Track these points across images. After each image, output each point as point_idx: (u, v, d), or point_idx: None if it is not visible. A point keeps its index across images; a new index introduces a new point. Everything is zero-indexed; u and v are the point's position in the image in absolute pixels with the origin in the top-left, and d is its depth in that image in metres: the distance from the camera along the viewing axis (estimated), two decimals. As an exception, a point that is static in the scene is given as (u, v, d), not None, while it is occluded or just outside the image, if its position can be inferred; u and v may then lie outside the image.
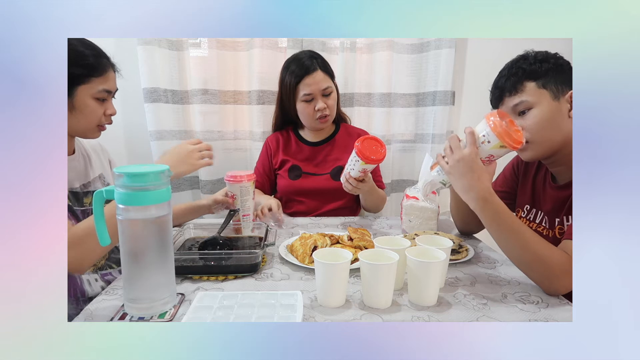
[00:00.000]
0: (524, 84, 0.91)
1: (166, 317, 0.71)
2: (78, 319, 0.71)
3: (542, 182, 1.05)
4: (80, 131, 1.00)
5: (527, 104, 0.91)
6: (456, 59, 1.79)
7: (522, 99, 0.91)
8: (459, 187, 0.86)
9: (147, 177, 0.67)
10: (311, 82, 1.40)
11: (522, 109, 0.92)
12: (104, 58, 0.96)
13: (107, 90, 0.97)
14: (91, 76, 0.93)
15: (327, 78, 1.44)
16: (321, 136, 1.55)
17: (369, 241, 0.97)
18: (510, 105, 0.93)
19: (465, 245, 1.03)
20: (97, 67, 0.94)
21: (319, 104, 1.42)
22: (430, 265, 0.74)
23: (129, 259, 0.70)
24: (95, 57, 0.94)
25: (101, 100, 0.97)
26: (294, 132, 1.58)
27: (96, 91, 0.95)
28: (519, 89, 0.91)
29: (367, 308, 0.75)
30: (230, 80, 1.76)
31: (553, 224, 0.99)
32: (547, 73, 0.90)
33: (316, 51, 1.51)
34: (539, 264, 0.80)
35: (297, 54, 1.48)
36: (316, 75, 1.41)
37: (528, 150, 0.94)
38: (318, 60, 1.44)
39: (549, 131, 0.90)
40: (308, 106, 1.44)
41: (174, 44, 1.68)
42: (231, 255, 0.91)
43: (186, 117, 1.76)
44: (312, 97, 1.42)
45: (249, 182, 1.10)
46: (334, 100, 1.47)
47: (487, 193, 0.83)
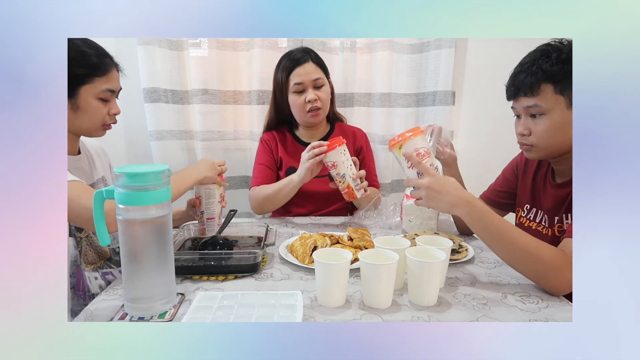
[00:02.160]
0: (541, 86, 0.87)
1: (166, 317, 0.71)
2: (78, 319, 0.71)
3: (543, 180, 1.05)
4: (85, 131, 1.00)
5: (541, 110, 0.88)
6: (456, 59, 1.79)
7: (536, 103, 0.88)
8: (443, 206, 0.87)
9: (147, 177, 0.67)
10: (302, 72, 1.39)
11: (534, 112, 0.90)
12: (107, 57, 0.97)
13: (110, 90, 0.97)
14: (94, 76, 0.93)
15: (319, 70, 1.42)
16: (316, 136, 1.52)
17: (369, 241, 0.97)
18: (524, 105, 0.90)
19: (465, 245, 1.03)
20: (100, 66, 0.94)
21: (309, 95, 1.39)
22: (430, 265, 0.74)
23: (129, 259, 0.70)
24: (98, 57, 0.94)
25: (105, 100, 0.97)
26: (289, 132, 1.55)
27: (99, 91, 0.95)
28: (535, 92, 0.88)
29: (367, 308, 0.75)
30: (230, 80, 1.76)
31: (552, 222, 0.99)
32: (568, 76, 0.85)
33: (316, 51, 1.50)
34: (530, 261, 0.81)
35: (289, 50, 1.47)
36: (307, 66, 1.40)
37: (532, 152, 0.94)
38: (311, 54, 1.43)
39: (556, 140, 0.89)
40: (299, 97, 1.41)
41: (174, 44, 1.67)
42: (231, 255, 0.91)
43: (186, 117, 1.76)
44: (303, 88, 1.40)
45: (213, 186, 1.09)
46: (327, 94, 1.44)
47: (469, 197, 0.86)
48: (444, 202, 0.86)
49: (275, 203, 1.34)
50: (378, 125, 1.85)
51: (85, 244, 1.01)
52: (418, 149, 0.91)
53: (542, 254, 0.80)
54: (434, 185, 0.86)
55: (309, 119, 1.44)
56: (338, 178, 1.20)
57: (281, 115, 1.52)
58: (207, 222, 1.09)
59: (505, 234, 0.82)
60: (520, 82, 0.90)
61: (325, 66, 1.46)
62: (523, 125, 0.93)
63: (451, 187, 0.86)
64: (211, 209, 1.09)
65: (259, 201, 1.37)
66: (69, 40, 0.87)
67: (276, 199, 1.33)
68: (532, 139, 0.91)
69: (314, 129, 1.53)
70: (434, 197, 0.87)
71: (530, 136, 0.92)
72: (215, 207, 1.10)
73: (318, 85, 1.42)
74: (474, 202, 0.85)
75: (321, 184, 1.40)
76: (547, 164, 1.05)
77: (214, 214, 1.09)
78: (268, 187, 1.36)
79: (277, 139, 1.53)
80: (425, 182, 0.87)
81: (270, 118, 1.55)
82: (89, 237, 1.02)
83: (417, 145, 0.91)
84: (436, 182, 0.86)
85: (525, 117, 0.92)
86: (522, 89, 0.90)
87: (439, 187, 0.86)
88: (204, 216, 1.09)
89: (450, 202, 0.85)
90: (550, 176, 1.03)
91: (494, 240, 0.84)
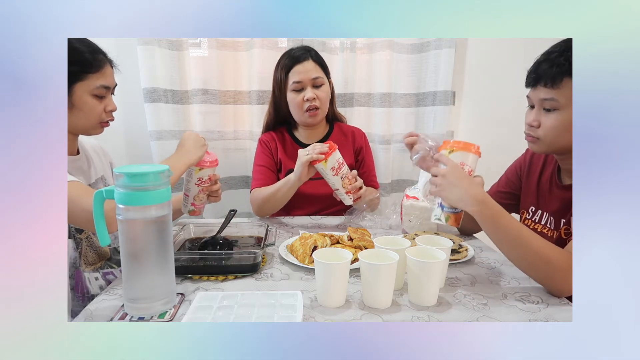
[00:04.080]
0: (563, 80, 0.83)
1: (166, 317, 0.71)
2: (78, 319, 0.71)
3: (548, 182, 1.03)
4: (82, 129, 0.99)
5: (556, 105, 0.86)
6: (456, 59, 1.79)
7: (553, 97, 0.85)
8: (453, 198, 0.86)
9: (147, 177, 0.67)
10: (301, 70, 1.37)
11: (548, 106, 0.87)
12: (99, 54, 0.96)
13: (105, 86, 0.96)
14: (87, 72, 0.93)
15: (319, 69, 1.40)
16: (315, 137, 1.50)
17: (369, 241, 0.97)
18: (541, 97, 0.88)
19: (465, 245, 1.03)
20: (93, 63, 0.93)
21: (308, 94, 1.37)
22: (430, 265, 0.74)
23: (129, 259, 0.70)
24: (91, 53, 0.93)
25: (100, 97, 0.96)
26: (288, 133, 1.53)
27: (94, 87, 0.94)
28: (556, 84, 0.84)
29: (367, 308, 0.75)
30: (230, 80, 1.76)
31: (558, 224, 0.98)
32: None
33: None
34: (542, 264, 0.80)
35: (290, 48, 1.46)
36: (306, 64, 1.38)
37: (536, 145, 0.92)
38: (311, 52, 1.41)
39: (563, 138, 0.88)
40: (297, 96, 1.38)
41: (174, 44, 1.67)
42: (231, 255, 0.91)
43: (186, 117, 1.75)
44: (302, 87, 1.38)
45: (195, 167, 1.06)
46: (326, 94, 1.42)
47: (482, 196, 0.84)
48: (455, 194, 0.85)
49: (275, 204, 1.33)
50: (378, 125, 1.84)
51: (85, 245, 1.01)
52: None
53: (549, 255, 0.79)
54: (450, 175, 0.86)
55: (307, 119, 1.42)
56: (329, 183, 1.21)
57: (280, 114, 1.50)
58: (183, 197, 1.12)
59: (517, 237, 0.81)
60: (544, 71, 0.86)
61: (325, 65, 1.45)
62: (534, 116, 0.90)
63: (466, 183, 0.85)
64: (188, 187, 1.10)
65: (259, 203, 1.36)
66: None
67: (275, 200, 1.31)
68: (540, 132, 0.90)
69: (313, 129, 1.51)
70: (444, 187, 0.86)
71: (538, 128, 0.90)
72: (192, 187, 1.09)
73: (317, 85, 1.40)
74: (486, 202, 0.84)
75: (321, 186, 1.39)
76: (553, 165, 1.03)
77: (189, 192, 1.10)
78: (267, 188, 1.36)
79: (276, 140, 1.51)
80: (442, 170, 0.87)
81: (270, 118, 1.53)
82: (89, 238, 1.02)
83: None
84: (453, 173, 0.86)
85: (539, 109, 0.90)
86: (543, 78, 0.86)
87: (453, 179, 0.85)
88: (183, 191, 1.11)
89: (460, 196, 0.85)
90: (557, 177, 1.01)
91: (505, 241, 0.83)
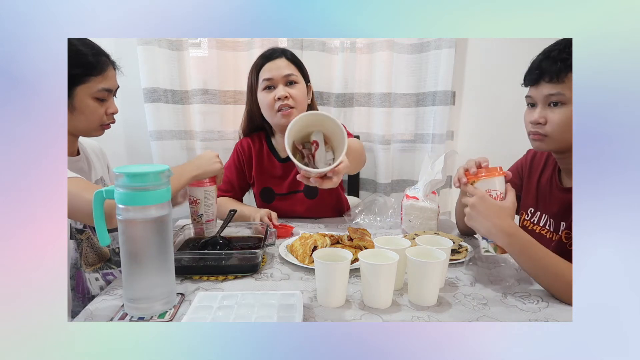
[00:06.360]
0: (568, 74, 0.83)
1: (166, 317, 0.71)
2: (78, 318, 0.71)
3: (549, 184, 1.03)
4: (83, 131, 0.99)
5: (563, 98, 0.85)
6: (456, 59, 1.79)
7: (559, 91, 0.85)
8: (483, 231, 0.87)
9: (147, 177, 0.67)
10: (272, 67, 1.25)
11: (555, 100, 0.86)
12: (103, 56, 0.95)
13: (107, 89, 0.95)
14: (90, 75, 0.92)
15: (293, 67, 1.28)
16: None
17: (369, 241, 0.97)
18: (545, 92, 0.87)
19: (465, 245, 1.03)
20: (95, 65, 0.92)
21: (279, 92, 1.23)
22: (430, 265, 0.74)
23: (129, 259, 0.70)
24: (94, 56, 0.92)
25: (102, 100, 0.95)
26: (266, 140, 1.40)
27: (96, 90, 0.93)
28: (561, 78, 0.84)
29: (367, 308, 0.75)
30: (230, 80, 1.76)
31: (558, 227, 0.98)
32: None
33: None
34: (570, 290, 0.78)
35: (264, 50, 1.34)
36: (278, 62, 1.26)
37: (544, 143, 0.91)
38: (286, 52, 1.30)
39: (571, 132, 0.86)
40: (268, 95, 1.25)
41: (174, 44, 1.67)
42: (231, 255, 0.91)
43: (186, 117, 1.76)
44: (272, 84, 1.25)
45: (212, 186, 1.07)
46: (301, 93, 1.27)
47: (510, 229, 0.84)
48: (483, 226, 0.86)
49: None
50: (378, 125, 1.84)
51: (86, 245, 1.01)
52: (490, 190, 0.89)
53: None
54: (478, 206, 0.86)
55: (280, 120, 1.26)
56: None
57: (254, 122, 1.38)
58: (206, 225, 1.08)
59: (547, 267, 0.81)
60: (547, 68, 0.86)
61: (303, 66, 1.33)
62: (540, 113, 0.89)
63: (494, 214, 0.85)
64: (210, 211, 1.08)
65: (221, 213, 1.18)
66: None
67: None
68: (547, 129, 0.88)
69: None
70: (474, 218, 0.87)
71: (545, 125, 0.88)
72: (214, 208, 1.09)
73: (290, 82, 1.26)
74: (515, 234, 0.83)
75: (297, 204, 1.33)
76: (553, 166, 1.03)
77: (212, 216, 1.09)
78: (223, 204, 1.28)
79: (252, 150, 1.39)
80: (471, 200, 0.87)
81: (244, 126, 1.42)
82: (89, 238, 1.02)
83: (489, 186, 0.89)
84: (480, 204, 0.86)
85: (543, 106, 0.89)
86: (547, 74, 0.86)
87: (481, 210, 0.86)
88: (202, 219, 1.07)
89: (488, 229, 0.85)
90: (557, 179, 1.01)
91: (535, 271, 0.83)
